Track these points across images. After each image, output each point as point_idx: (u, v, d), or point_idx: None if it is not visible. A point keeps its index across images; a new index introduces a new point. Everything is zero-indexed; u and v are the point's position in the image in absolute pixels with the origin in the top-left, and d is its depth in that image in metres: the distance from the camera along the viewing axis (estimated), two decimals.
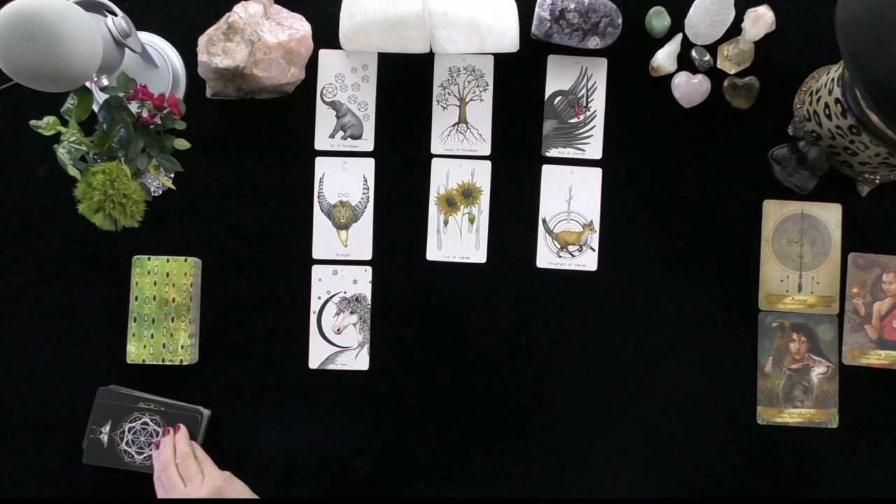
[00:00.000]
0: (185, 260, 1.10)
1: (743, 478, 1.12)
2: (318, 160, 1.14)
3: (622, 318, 1.13)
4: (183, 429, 1.05)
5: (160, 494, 1.01)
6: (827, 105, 1.04)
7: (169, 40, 1.14)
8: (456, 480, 1.12)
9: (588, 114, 1.14)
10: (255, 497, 1.02)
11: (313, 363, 1.13)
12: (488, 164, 1.14)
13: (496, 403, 1.13)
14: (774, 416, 1.12)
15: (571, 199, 1.14)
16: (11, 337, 1.13)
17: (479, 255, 1.14)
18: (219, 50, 1.06)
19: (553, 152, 1.14)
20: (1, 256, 1.13)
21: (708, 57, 1.13)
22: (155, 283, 1.10)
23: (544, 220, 1.14)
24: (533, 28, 1.12)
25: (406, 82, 1.15)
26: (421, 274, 1.14)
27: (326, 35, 1.14)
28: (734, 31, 1.13)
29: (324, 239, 1.14)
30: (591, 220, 1.14)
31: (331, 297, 1.13)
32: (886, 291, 1.13)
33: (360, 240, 1.14)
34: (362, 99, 1.14)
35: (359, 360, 1.13)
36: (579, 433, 1.13)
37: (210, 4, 1.13)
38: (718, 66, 1.14)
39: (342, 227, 1.14)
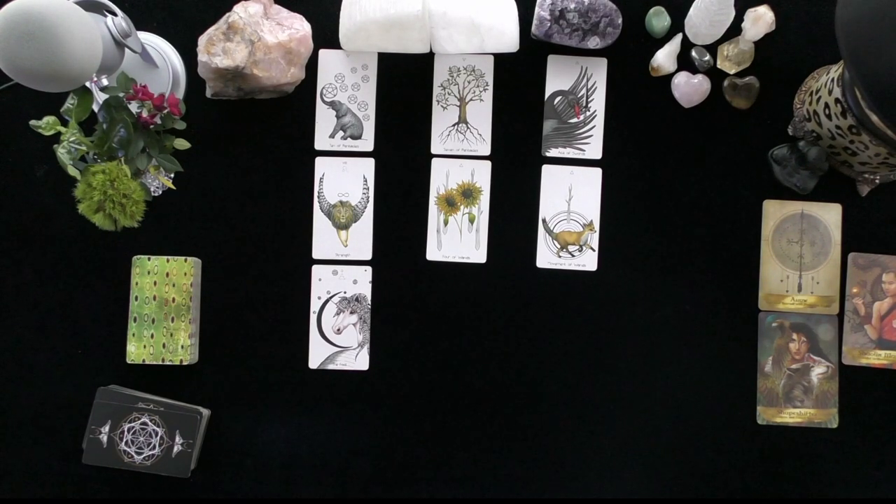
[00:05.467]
0: (185, 260, 1.10)
1: (743, 478, 1.12)
2: (318, 160, 1.14)
3: (622, 318, 1.13)
4: None
5: None
6: (827, 105, 1.04)
7: (169, 40, 1.14)
8: (456, 480, 1.12)
9: (588, 114, 1.14)
10: None
11: (313, 363, 1.13)
12: (488, 164, 1.14)
13: (496, 403, 1.13)
14: (774, 416, 1.12)
15: (571, 199, 1.14)
16: (11, 337, 1.13)
17: (479, 255, 1.14)
18: (219, 50, 1.06)
19: (553, 152, 1.14)
20: (1, 256, 1.13)
21: (708, 57, 1.13)
22: (155, 283, 1.10)
23: (544, 220, 1.14)
24: (533, 28, 1.12)
25: (406, 82, 1.15)
26: (421, 274, 1.14)
27: (326, 35, 1.14)
28: (734, 31, 1.13)
29: (324, 239, 1.14)
30: (591, 220, 1.14)
31: (331, 297, 1.13)
32: (886, 291, 1.13)
33: (360, 240, 1.14)
34: (362, 99, 1.14)
35: (359, 360, 1.13)
36: (579, 433, 1.13)
37: (210, 4, 1.13)
38: (718, 66, 1.14)
39: (342, 227, 1.14)
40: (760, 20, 1.11)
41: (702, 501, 1.12)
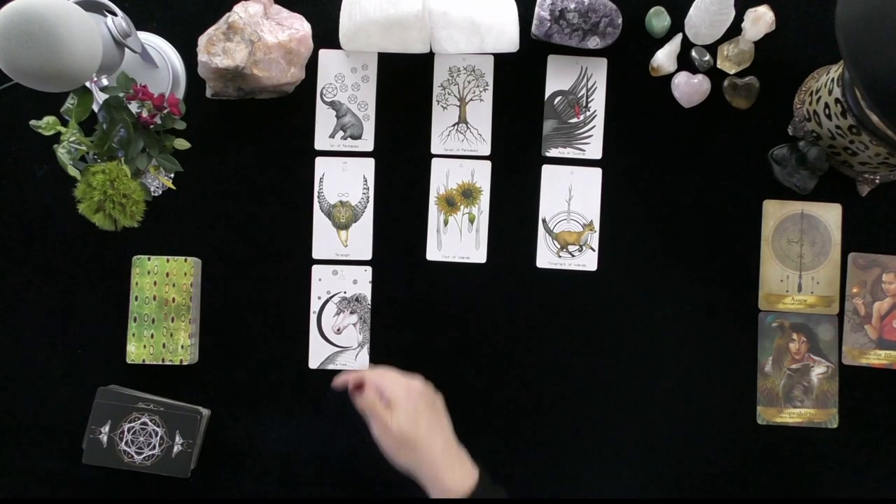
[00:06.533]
0: (185, 260, 1.10)
1: (743, 478, 1.12)
2: (318, 160, 1.14)
3: (622, 318, 1.13)
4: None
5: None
6: (827, 105, 1.04)
7: (169, 40, 1.14)
8: None
9: (588, 114, 1.14)
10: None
11: (313, 363, 1.13)
12: (488, 164, 1.14)
13: (496, 403, 1.13)
14: (774, 416, 1.12)
15: (571, 199, 1.14)
16: (11, 337, 1.13)
17: (479, 255, 1.14)
18: (219, 50, 1.06)
19: (553, 152, 1.14)
20: (1, 256, 1.13)
21: (708, 57, 1.13)
22: (155, 283, 1.10)
23: (544, 220, 1.14)
24: (533, 28, 1.12)
25: (406, 82, 1.15)
26: (421, 274, 1.14)
27: (326, 35, 1.14)
28: (734, 31, 1.13)
29: (324, 239, 1.14)
30: (591, 220, 1.14)
31: (331, 297, 1.13)
32: (886, 291, 1.13)
33: (360, 240, 1.14)
34: (362, 99, 1.14)
35: (359, 360, 1.13)
36: (579, 433, 1.13)
37: (210, 4, 1.13)
38: (718, 66, 1.14)
39: (342, 227, 1.14)
40: (760, 20, 1.11)
41: (702, 501, 1.12)
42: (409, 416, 0.95)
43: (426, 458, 0.95)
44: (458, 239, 1.14)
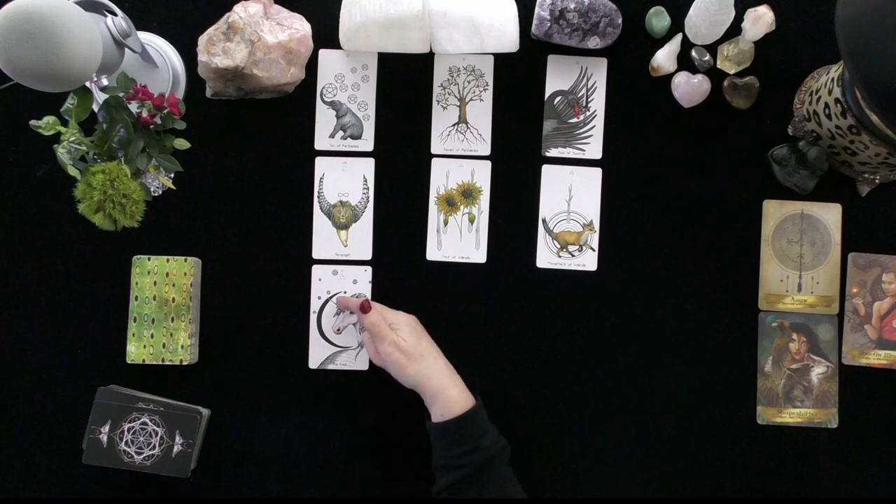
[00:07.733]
0: (185, 260, 1.10)
1: (743, 478, 1.12)
2: (318, 160, 1.14)
3: (622, 318, 1.13)
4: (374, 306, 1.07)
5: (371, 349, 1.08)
6: (827, 105, 1.04)
7: (169, 40, 1.14)
8: None
9: (588, 114, 1.14)
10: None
11: (313, 363, 1.13)
12: (488, 164, 1.14)
13: (495, 403, 1.13)
14: (774, 416, 1.12)
15: (571, 199, 1.14)
16: (11, 337, 1.13)
17: (479, 255, 1.14)
18: (219, 50, 1.06)
19: (553, 152, 1.14)
20: (1, 256, 1.13)
21: (708, 57, 1.13)
22: (155, 283, 1.10)
23: (544, 220, 1.14)
24: (533, 28, 1.12)
25: (406, 82, 1.15)
26: (421, 274, 1.14)
27: (326, 35, 1.14)
28: (734, 31, 1.13)
29: (324, 239, 1.14)
30: (591, 220, 1.14)
31: (331, 297, 1.13)
32: (886, 291, 1.13)
33: (360, 240, 1.14)
34: (362, 99, 1.14)
35: (359, 360, 1.13)
36: (579, 433, 1.13)
37: (210, 4, 1.13)
38: (718, 66, 1.14)
39: (342, 227, 1.14)
40: (760, 20, 1.11)
41: (702, 501, 1.12)
42: (413, 334, 1.05)
43: (434, 368, 1.03)
44: (458, 239, 1.14)
